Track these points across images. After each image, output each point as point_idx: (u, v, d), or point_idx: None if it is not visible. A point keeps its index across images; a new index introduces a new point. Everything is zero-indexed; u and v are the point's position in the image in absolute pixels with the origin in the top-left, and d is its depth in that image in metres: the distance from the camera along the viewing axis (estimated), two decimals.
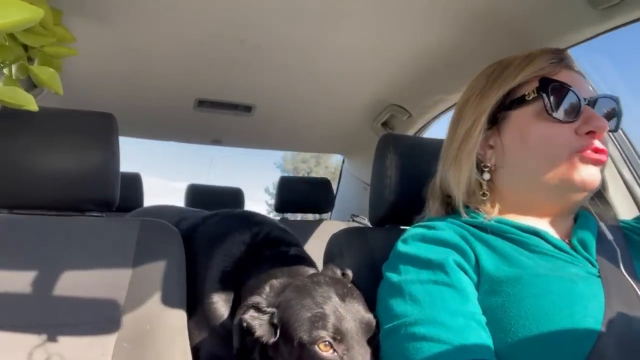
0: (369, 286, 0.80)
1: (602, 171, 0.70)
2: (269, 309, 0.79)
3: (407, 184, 0.97)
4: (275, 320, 0.78)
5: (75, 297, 0.85)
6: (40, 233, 0.90)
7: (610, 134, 1.17)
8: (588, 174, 0.68)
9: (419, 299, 0.63)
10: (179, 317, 0.88)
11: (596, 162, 0.68)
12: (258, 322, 0.79)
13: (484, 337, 0.60)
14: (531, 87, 0.72)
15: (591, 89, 0.75)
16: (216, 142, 2.27)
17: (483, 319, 0.62)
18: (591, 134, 0.68)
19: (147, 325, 0.85)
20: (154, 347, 0.83)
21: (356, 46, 1.30)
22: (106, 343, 0.82)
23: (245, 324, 0.79)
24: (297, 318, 0.75)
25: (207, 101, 1.74)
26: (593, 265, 0.66)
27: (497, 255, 0.68)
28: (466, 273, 0.66)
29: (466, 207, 0.77)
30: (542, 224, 0.73)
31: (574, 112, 0.69)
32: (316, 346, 0.71)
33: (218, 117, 1.86)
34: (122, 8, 1.10)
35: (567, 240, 0.72)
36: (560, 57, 0.75)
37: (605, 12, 0.92)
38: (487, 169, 0.77)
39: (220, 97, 1.71)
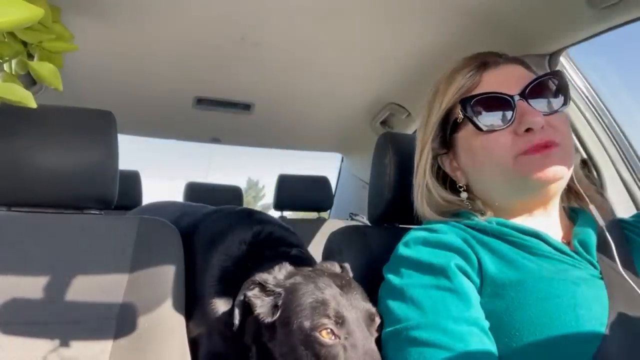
0: (368, 284, 0.80)
1: (564, 155, 0.68)
2: (277, 289, 0.79)
3: (406, 183, 0.97)
4: (279, 302, 0.78)
5: (73, 295, 0.85)
6: (39, 230, 0.90)
7: (607, 130, 1.18)
8: (542, 168, 0.66)
9: (421, 304, 0.63)
10: (177, 315, 0.88)
11: (543, 156, 0.66)
12: (260, 301, 0.80)
13: (487, 343, 0.59)
14: (457, 109, 0.74)
15: (529, 75, 0.73)
16: (215, 140, 2.28)
17: (486, 324, 0.62)
18: (530, 131, 0.67)
19: (145, 323, 0.85)
20: (151, 345, 0.83)
21: (355, 45, 1.31)
22: (104, 341, 0.82)
23: (247, 300, 0.80)
24: (298, 302, 0.75)
25: (206, 99, 1.74)
26: (595, 267, 0.66)
27: (500, 258, 0.67)
28: (469, 277, 0.66)
29: (464, 210, 0.77)
30: (542, 225, 0.72)
31: (507, 115, 0.69)
32: (317, 332, 0.70)
33: (217, 115, 1.86)
34: (121, 5, 1.10)
35: (567, 242, 0.72)
36: (478, 64, 0.75)
37: (603, 12, 0.92)
38: (462, 189, 0.78)
39: (219, 95, 1.71)
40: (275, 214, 2.38)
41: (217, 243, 1.05)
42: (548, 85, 0.71)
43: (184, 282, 0.93)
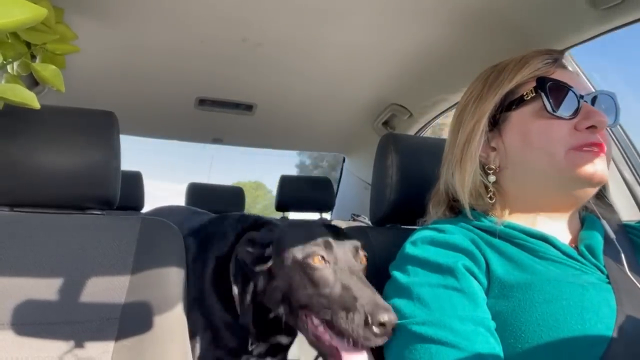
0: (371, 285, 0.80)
1: (606, 165, 0.70)
2: (266, 241, 0.91)
3: (408, 184, 0.97)
4: (271, 252, 0.90)
5: (75, 295, 0.85)
6: (41, 230, 0.90)
7: (611, 132, 1.18)
8: (591, 167, 0.68)
9: (428, 302, 0.63)
10: (178, 316, 0.88)
11: (596, 156, 0.68)
12: (251, 256, 0.92)
13: (493, 344, 0.59)
14: (528, 87, 0.73)
15: (589, 86, 0.76)
16: (217, 140, 2.28)
17: (492, 324, 0.62)
18: (592, 128, 0.68)
19: (147, 324, 0.85)
20: (154, 345, 0.83)
21: (357, 45, 1.31)
22: (106, 342, 0.82)
23: (240, 257, 0.92)
24: (291, 243, 0.86)
25: (208, 100, 1.74)
26: (602, 271, 0.66)
27: (507, 260, 0.67)
28: (476, 278, 0.66)
29: (473, 210, 0.77)
30: (550, 228, 0.72)
31: (573, 109, 0.70)
32: (310, 259, 0.81)
33: (219, 115, 1.86)
34: (123, 6, 1.10)
35: (574, 246, 0.72)
36: (554, 58, 0.76)
37: (605, 12, 0.92)
38: (491, 171, 0.77)
39: (221, 95, 1.71)
40: (277, 215, 2.38)
41: (212, 243, 1.09)
42: (607, 101, 0.74)
43: (185, 283, 0.93)
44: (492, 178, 0.76)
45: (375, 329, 0.69)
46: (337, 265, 0.80)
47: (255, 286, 0.92)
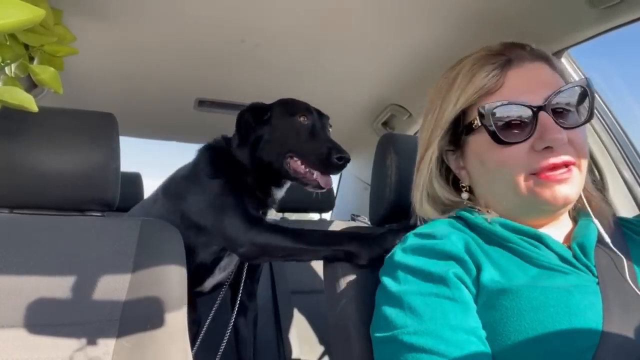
0: (370, 287, 0.79)
1: (577, 176, 0.66)
2: (265, 108, 1.28)
3: (408, 184, 0.96)
4: (268, 115, 1.27)
5: (76, 297, 0.85)
6: (41, 232, 0.90)
7: (609, 131, 1.17)
8: (552, 193, 0.64)
9: (419, 312, 0.62)
10: (179, 316, 0.88)
11: (556, 182, 0.64)
12: (253, 116, 1.26)
13: (484, 353, 0.58)
14: (474, 113, 0.69)
15: (553, 75, 0.69)
16: None
17: (483, 333, 0.61)
18: (549, 149, 0.64)
19: (147, 325, 0.85)
20: (154, 346, 0.83)
21: (357, 46, 1.31)
22: (107, 342, 0.82)
23: (246, 118, 1.26)
24: (285, 108, 1.27)
25: (208, 101, 1.74)
26: (593, 273, 0.64)
27: (496, 267, 0.66)
28: (466, 286, 0.64)
29: (465, 208, 0.76)
30: (543, 227, 0.71)
31: (527, 127, 0.65)
32: (297, 117, 1.24)
33: (218, 117, 1.86)
34: (123, 8, 1.10)
35: (567, 244, 0.70)
36: (502, 62, 0.69)
37: (604, 12, 0.92)
38: (464, 189, 0.76)
39: (220, 97, 1.71)
40: (276, 215, 2.38)
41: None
42: (574, 95, 0.67)
43: (186, 283, 0.93)
44: (465, 195, 0.76)
45: (336, 161, 1.18)
46: (314, 122, 1.24)
47: (258, 140, 1.26)
